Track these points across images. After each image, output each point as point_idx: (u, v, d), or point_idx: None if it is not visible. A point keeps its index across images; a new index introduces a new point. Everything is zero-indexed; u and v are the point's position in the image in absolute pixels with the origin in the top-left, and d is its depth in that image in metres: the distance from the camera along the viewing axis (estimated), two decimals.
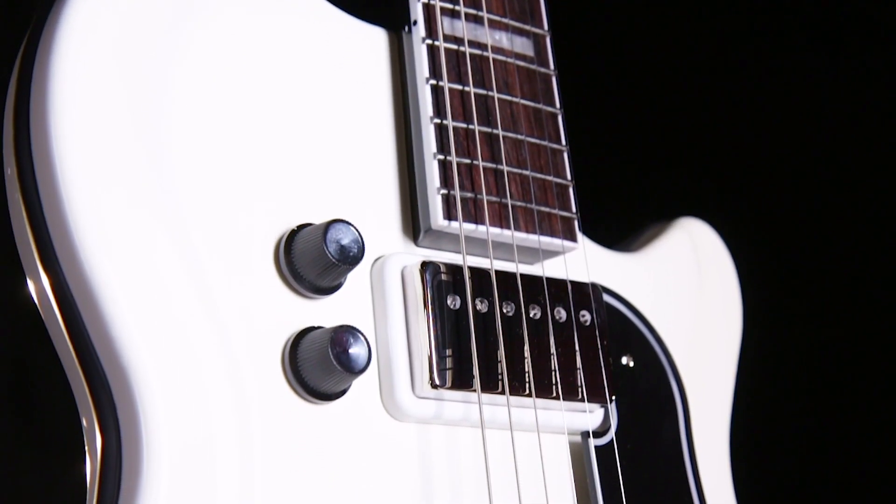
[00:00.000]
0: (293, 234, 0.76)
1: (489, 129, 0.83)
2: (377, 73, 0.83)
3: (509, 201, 0.82)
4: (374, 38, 0.84)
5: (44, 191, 0.70)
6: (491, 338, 0.79)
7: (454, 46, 0.83)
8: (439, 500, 0.77)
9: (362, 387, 0.77)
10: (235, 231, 0.74)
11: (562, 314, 0.83)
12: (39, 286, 0.71)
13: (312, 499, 0.73)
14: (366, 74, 0.83)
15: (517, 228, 0.82)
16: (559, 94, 0.87)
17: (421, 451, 0.78)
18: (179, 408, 0.69)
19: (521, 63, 0.86)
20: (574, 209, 0.85)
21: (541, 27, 0.87)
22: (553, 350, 0.81)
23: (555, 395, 0.81)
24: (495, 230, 0.81)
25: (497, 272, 0.80)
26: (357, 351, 0.74)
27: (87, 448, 0.69)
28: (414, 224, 0.81)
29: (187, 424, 0.69)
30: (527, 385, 0.80)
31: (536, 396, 0.80)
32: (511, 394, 0.79)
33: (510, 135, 0.83)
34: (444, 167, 0.80)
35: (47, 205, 0.70)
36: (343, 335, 0.74)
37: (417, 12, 0.83)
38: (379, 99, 0.83)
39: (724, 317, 0.97)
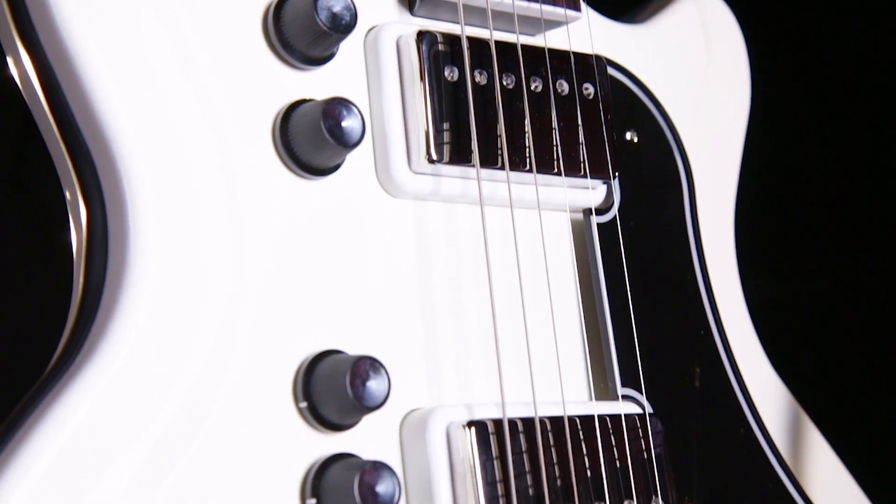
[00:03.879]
0: (282, 0, 0.72)
1: None
2: None
3: None
4: None
5: None
6: (490, 111, 0.76)
7: None
8: (437, 278, 0.76)
9: (356, 162, 0.74)
10: None
11: (564, 87, 0.80)
12: (19, 63, 0.68)
13: (306, 275, 0.71)
14: None
15: None
16: None
17: (418, 229, 0.76)
18: (165, 179, 0.67)
19: None
20: None
21: None
22: (555, 124, 0.79)
23: (556, 170, 0.78)
24: None
25: (497, 42, 0.77)
26: (350, 124, 0.71)
27: (72, 221, 0.67)
28: None
29: (173, 196, 0.67)
30: (527, 160, 0.77)
31: (537, 172, 0.78)
32: (511, 169, 0.77)
33: None
34: None
35: None
36: (336, 107, 0.71)
37: None
38: None
39: (731, 93, 0.95)
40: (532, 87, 0.78)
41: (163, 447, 0.65)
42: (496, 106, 0.76)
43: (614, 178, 0.82)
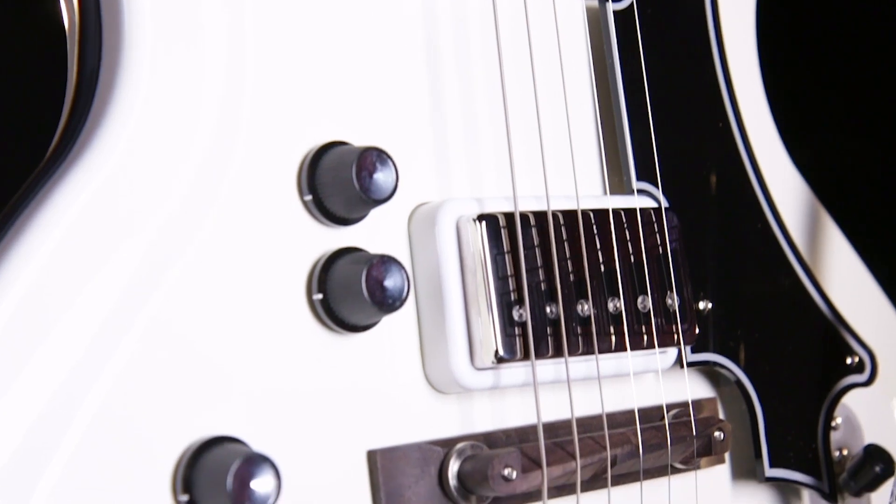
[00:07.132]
0: None
1: None
2: None
3: None
4: None
5: None
6: None
7: None
8: (446, 66, 0.73)
9: None
10: None
11: None
12: None
13: (308, 63, 0.69)
14: None
15: None
16: None
17: (425, 13, 0.73)
18: None
19: None
20: None
21: None
22: None
23: None
24: None
25: None
26: None
27: (63, 3, 0.65)
28: None
29: None
30: None
31: None
32: None
33: None
34: None
35: None
36: None
37: None
38: None
39: None
40: None
41: (167, 237, 0.63)
42: None
43: None
